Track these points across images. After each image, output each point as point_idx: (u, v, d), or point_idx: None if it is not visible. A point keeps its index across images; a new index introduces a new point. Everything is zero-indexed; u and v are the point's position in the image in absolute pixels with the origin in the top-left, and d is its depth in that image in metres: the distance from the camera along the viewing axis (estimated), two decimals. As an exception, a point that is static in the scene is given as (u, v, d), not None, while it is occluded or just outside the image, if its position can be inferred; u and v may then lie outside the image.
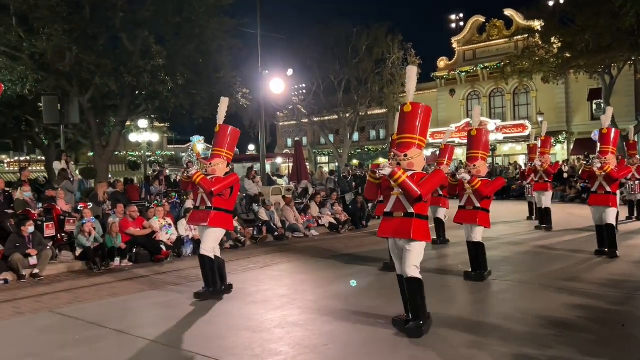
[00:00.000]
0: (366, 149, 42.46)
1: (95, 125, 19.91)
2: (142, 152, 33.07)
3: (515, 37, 31.68)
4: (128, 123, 24.93)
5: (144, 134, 28.90)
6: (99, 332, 5.68)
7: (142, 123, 27.35)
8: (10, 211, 10.32)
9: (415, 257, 5.20)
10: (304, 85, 37.58)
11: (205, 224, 7.00)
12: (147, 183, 15.72)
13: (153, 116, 24.70)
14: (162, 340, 5.30)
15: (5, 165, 42.67)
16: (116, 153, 25.05)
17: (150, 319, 6.35)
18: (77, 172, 16.12)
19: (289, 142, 48.25)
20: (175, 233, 11.07)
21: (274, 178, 23.07)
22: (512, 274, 8.27)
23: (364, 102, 35.95)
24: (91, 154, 23.22)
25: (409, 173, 5.13)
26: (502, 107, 37.85)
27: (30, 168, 23.79)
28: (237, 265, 9.62)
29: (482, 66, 36.88)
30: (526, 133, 32.16)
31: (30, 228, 9.10)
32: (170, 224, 11.13)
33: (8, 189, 11.52)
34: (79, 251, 9.80)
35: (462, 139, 36.57)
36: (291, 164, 26.85)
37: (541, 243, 11.15)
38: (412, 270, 5.20)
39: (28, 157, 42.34)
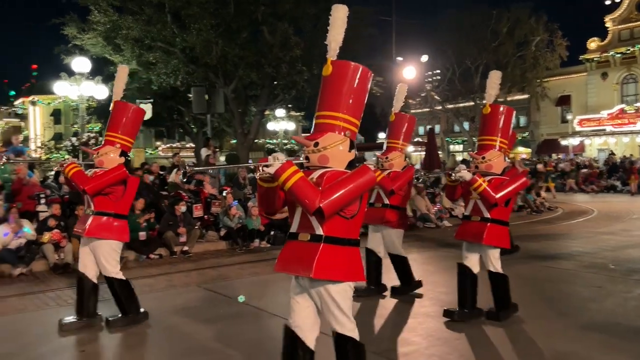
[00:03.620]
0: (504, 138, 40.47)
1: (238, 115, 21.19)
2: (279, 140, 34.61)
3: (683, 12, 28.16)
4: (267, 112, 26.23)
5: (281, 122, 30.21)
6: (240, 308, 6.08)
7: (280, 112, 28.72)
8: (164, 193, 11.39)
9: (341, 308, 3.14)
10: (438, 72, 36.61)
11: (84, 234, 5.20)
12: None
13: (289, 105, 25.77)
14: (297, 321, 5.52)
15: (160, 151, 47.02)
16: (256, 141, 26.44)
17: (287, 299, 6.63)
18: (223, 157, 17.29)
19: (421, 129, 47.45)
20: (310, 218, 11.45)
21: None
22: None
23: (504, 87, 34.15)
24: (234, 141, 24.75)
25: (318, 172, 3.15)
26: (663, 92, 33.97)
27: (180, 154, 25.95)
28: (369, 253, 9.71)
29: (640, 46, 33.35)
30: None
31: (182, 208, 10.00)
32: (304, 209, 11.53)
33: (162, 173, 12.70)
34: (223, 232, 10.56)
35: (614, 127, 33.49)
36: (423, 153, 26.45)
37: None
38: (346, 327, 3.16)
39: (179, 144, 46.26)
